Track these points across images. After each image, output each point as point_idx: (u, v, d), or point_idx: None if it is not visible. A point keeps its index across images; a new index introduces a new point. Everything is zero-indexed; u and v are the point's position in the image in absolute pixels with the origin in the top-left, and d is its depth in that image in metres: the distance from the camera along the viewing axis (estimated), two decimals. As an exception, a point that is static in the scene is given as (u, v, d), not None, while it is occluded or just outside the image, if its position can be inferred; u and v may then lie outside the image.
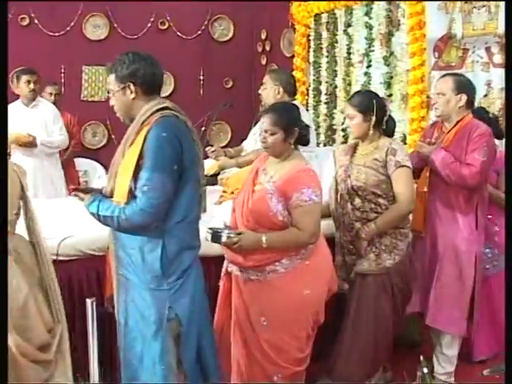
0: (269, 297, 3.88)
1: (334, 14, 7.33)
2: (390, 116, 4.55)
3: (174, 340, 3.36)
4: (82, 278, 4.33)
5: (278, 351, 3.92)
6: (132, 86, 3.34)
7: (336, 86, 7.37)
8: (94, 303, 2.74)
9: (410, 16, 5.93)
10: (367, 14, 6.72)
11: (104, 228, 3.52)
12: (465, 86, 4.66)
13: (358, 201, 4.41)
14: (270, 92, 5.63)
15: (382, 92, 6.52)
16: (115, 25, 8.72)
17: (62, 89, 8.09)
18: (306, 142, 4.09)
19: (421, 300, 4.72)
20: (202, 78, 9.19)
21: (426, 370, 3.12)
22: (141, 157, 3.21)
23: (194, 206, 3.44)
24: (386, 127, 4.47)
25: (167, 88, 9.01)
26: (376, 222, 4.33)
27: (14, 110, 6.50)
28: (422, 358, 3.11)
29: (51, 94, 7.64)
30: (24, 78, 6.73)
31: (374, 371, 4.51)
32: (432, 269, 4.68)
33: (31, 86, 6.71)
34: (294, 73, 7.88)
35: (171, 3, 8.78)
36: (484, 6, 6.04)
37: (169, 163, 3.23)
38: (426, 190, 4.70)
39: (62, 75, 8.46)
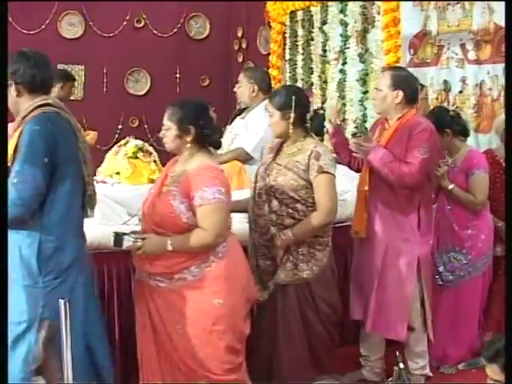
0: (180, 305, 3.67)
1: (310, 11, 7.33)
2: (316, 112, 4.34)
3: (49, 341, 3.25)
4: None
5: (195, 359, 3.68)
6: (14, 85, 3.39)
7: (312, 84, 7.38)
8: (68, 303, 2.71)
9: (384, 13, 5.95)
10: (342, 11, 6.73)
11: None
12: (402, 82, 4.48)
13: (275, 203, 4.18)
14: (244, 90, 5.67)
15: (357, 89, 6.54)
16: (91, 23, 8.66)
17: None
18: (214, 144, 3.91)
19: (362, 306, 4.57)
20: (178, 76, 9.14)
21: (402, 366, 3.12)
22: (16, 151, 3.23)
23: (76, 204, 3.43)
24: (311, 125, 4.26)
25: (143, 86, 8.98)
26: (293, 230, 4.11)
27: None
28: (397, 353, 3.10)
29: None
30: None
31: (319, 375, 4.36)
32: (373, 272, 4.50)
33: None
34: (269, 70, 7.87)
35: (147, 1, 8.75)
36: (458, 2, 6.07)
37: (40, 156, 3.22)
38: (366, 188, 4.53)
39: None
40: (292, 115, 4.12)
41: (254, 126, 5.73)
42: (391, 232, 4.46)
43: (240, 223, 4.38)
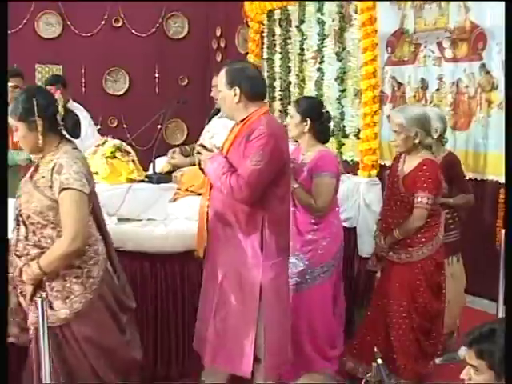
0: None
1: (287, 10, 7.36)
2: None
3: None
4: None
5: None
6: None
7: (290, 82, 7.40)
8: (45, 301, 2.71)
9: (361, 12, 5.94)
10: (319, 10, 6.76)
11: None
12: (238, 77, 3.88)
13: (23, 230, 3.47)
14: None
15: (335, 87, 6.57)
16: (68, 22, 8.66)
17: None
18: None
19: (199, 336, 4.09)
20: (157, 75, 9.16)
21: (380, 361, 3.13)
22: None
23: None
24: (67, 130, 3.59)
25: (122, 86, 8.98)
26: (39, 261, 3.37)
27: None
28: (375, 349, 3.12)
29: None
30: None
31: None
32: (211, 299, 3.99)
33: None
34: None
35: (125, 1, 8.76)
36: (434, 1, 6.12)
37: None
38: (206, 203, 4.02)
39: (15, 73, 8.37)
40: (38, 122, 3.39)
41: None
42: (231, 254, 3.92)
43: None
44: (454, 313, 4.95)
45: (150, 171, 5.28)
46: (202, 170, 4.03)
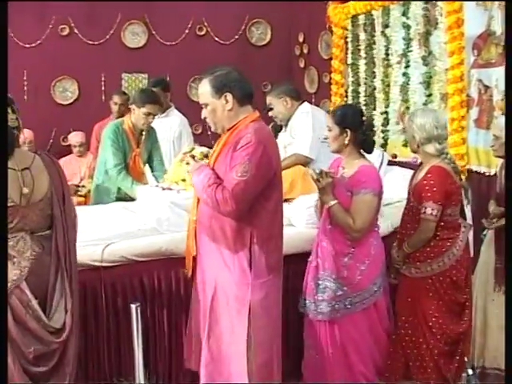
0: None
1: (371, 15, 7.30)
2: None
3: None
4: (126, 283, 4.38)
5: None
6: None
7: (375, 88, 7.34)
8: (139, 308, 2.77)
9: (447, 14, 5.88)
10: (404, 13, 6.68)
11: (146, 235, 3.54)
12: (226, 83, 3.72)
13: None
14: (279, 108, 5.77)
15: (421, 92, 6.49)
16: (153, 32, 8.80)
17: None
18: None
19: (197, 356, 3.94)
20: (240, 82, 9.19)
21: (470, 372, 3.10)
22: None
23: None
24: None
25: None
26: None
27: None
28: (466, 359, 3.08)
29: (116, 103, 7.69)
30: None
31: None
32: (202, 320, 3.88)
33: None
34: (332, 75, 7.89)
35: (208, 9, 8.87)
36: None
37: None
38: (194, 218, 3.90)
39: (103, 83, 8.56)
40: None
41: (300, 130, 5.83)
42: (219, 272, 3.77)
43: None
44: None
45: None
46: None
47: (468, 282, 4.42)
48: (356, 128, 4.28)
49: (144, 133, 5.93)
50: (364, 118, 4.39)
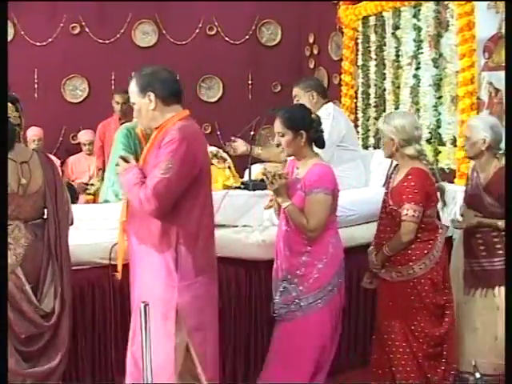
0: None
1: (382, 16, 7.29)
2: None
3: None
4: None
5: None
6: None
7: (385, 89, 7.32)
8: (148, 307, 2.77)
9: (459, 17, 5.86)
10: (415, 15, 6.67)
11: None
12: (150, 82, 3.69)
13: None
14: (304, 100, 5.68)
15: (431, 94, 6.47)
16: (164, 31, 8.81)
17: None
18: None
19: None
20: (250, 82, 9.20)
21: (478, 375, 3.10)
22: None
23: None
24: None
25: (216, 93, 9.08)
26: None
27: None
28: (473, 363, 3.08)
29: (118, 102, 7.71)
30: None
31: None
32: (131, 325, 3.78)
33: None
34: (342, 76, 7.88)
35: (219, 9, 8.87)
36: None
37: None
38: (124, 219, 3.81)
39: (113, 82, 8.57)
40: None
41: None
42: (146, 274, 3.68)
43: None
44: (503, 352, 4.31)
45: (246, 178, 5.33)
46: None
47: (446, 284, 4.40)
48: (309, 128, 4.24)
49: None
50: (313, 116, 4.31)
